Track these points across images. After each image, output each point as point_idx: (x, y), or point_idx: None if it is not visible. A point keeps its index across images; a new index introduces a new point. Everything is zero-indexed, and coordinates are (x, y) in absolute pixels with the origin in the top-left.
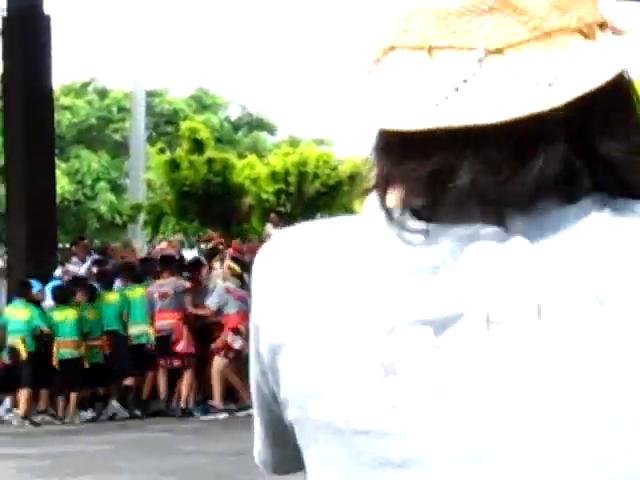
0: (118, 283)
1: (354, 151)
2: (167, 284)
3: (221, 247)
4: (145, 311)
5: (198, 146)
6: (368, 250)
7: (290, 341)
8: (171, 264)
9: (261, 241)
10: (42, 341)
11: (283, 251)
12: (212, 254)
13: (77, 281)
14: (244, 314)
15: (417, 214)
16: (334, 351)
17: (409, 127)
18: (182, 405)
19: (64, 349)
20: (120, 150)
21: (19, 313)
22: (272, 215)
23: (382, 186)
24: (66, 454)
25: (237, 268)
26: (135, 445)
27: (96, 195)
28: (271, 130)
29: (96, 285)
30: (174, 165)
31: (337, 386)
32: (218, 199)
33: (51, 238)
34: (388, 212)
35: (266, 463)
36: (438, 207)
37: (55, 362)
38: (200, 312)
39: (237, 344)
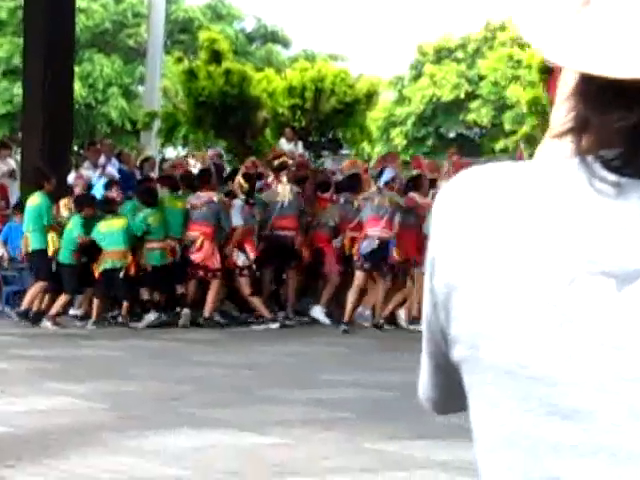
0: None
1: (368, 68)
2: (202, 197)
3: (290, 163)
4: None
5: (216, 57)
6: (553, 196)
7: (467, 280)
8: (209, 178)
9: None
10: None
11: (466, 190)
12: (280, 169)
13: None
14: (248, 230)
15: (607, 166)
16: (512, 294)
17: (623, 75)
18: (206, 314)
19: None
20: (133, 56)
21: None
22: (287, 129)
23: (577, 131)
24: (78, 358)
25: (245, 185)
26: (149, 353)
27: (107, 100)
28: (285, 44)
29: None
30: (191, 75)
31: (512, 329)
32: (234, 111)
33: (66, 142)
34: (582, 158)
35: (429, 400)
36: (633, 162)
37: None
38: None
39: (240, 261)
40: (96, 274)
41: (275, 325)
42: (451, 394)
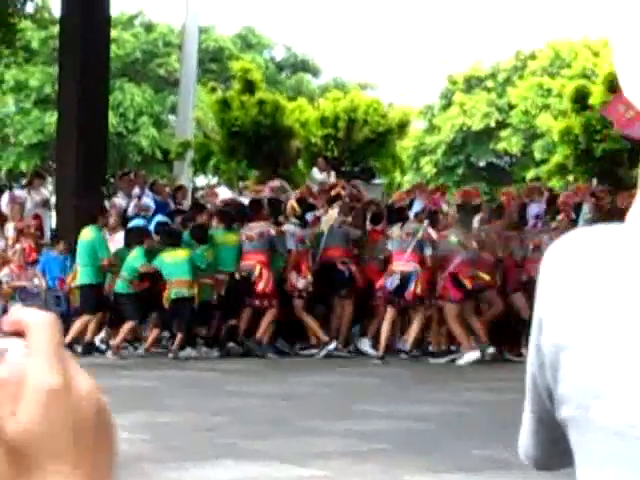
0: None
1: (397, 96)
2: (256, 228)
3: (343, 193)
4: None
5: (249, 87)
6: None
7: (576, 341)
8: (261, 208)
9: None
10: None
11: (574, 252)
12: (334, 200)
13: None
14: (302, 254)
15: None
16: (622, 355)
17: None
18: (258, 336)
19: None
20: (163, 85)
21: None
22: (319, 159)
23: None
24: (117, 388)
25: (298, 209)
26: (184, 383)
27: (138, 129)
28: (315, 72)
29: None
30: (224, 104)
31: (623, 389)
32: (267, 141)
33: (100, 171)
34: None
35: (531, 457)
36: None
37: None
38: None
39: (300, 284)
40: (165, 304)
41: (325, 351)
42: (553, 452)
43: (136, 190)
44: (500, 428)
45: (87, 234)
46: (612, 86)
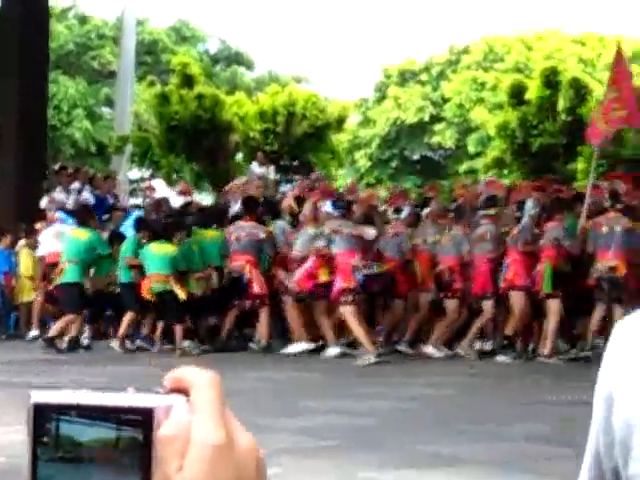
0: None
1: (332, 90)
2: (246, 228)
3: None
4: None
5: (188, 81)
6: None
7: None
8: (254, 207)
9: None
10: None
11: None
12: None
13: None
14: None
15: None
16: None
17: None
18: (264, 342)
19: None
20: (97, 77)
21: None
22: (259, 154)
23: None
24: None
25: (296, 207)
26: (130, 378)
27: (71, 121)
28: (249, 65)
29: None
30: (163, 99)
31: None
32: (206, 135)
33: (40, 164)
34: None
35: None
36: None
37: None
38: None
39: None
40: (148, 297)
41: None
42: None
43: (75, 184)
44: (443, 423)
45: (81, 234)
46: (548, 81)
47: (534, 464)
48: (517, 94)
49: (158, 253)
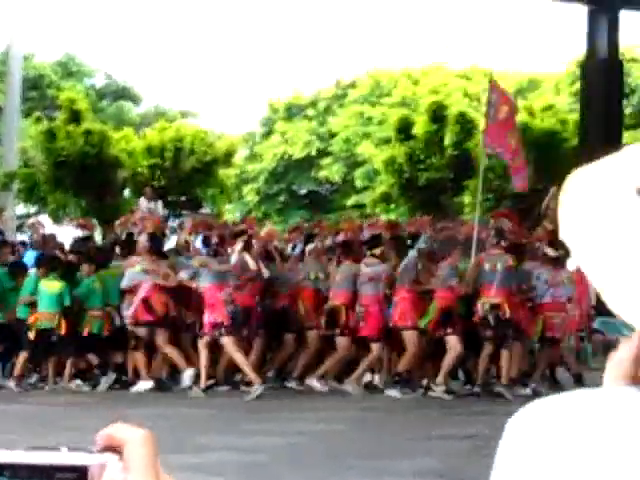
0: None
1: (218, 124)
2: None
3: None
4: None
5: (75, 116)
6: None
7: None
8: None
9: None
10: None
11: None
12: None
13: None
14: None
15: None
16: None
17: None
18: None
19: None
20: None
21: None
22: (146, 189)
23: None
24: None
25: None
26: (23, 417)
27: None
28: (136, 100)
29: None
30: (51, 135)
31: None
32: (94, 171)
33: None
34: None
35: None
36: None
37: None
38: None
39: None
40: (31, 335)
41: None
42: None
43: None
44: (333, 458)
45: None
46: (434, 116)
47: None
48: (404, 129)
49: (47, 290)
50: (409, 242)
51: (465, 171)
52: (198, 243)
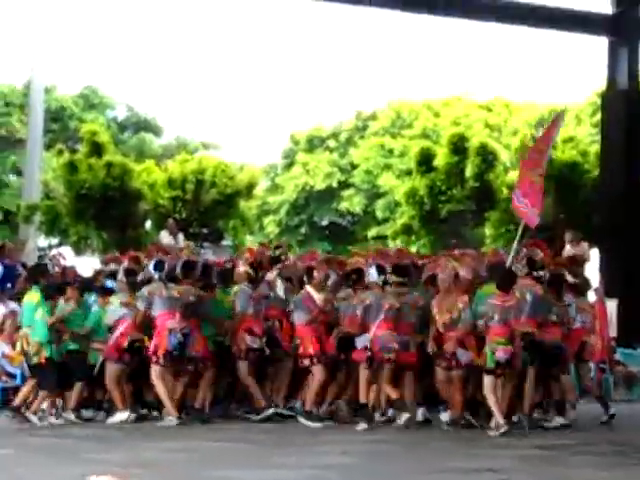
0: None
1: (240, 156)
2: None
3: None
4: None
5: (97, 149)
6: None
7: None
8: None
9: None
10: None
11: None
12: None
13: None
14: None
15: None
16: None
17: None
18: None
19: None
20: (4, 145)
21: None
22: (169, 221)
23: None
24: None
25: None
26: (41, 451)
27: None
28: (157, 132)
29: None
30: (72, 167)
31: None
32: (115, 203)
33: None
34: None
35: None
36: None
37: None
38: None
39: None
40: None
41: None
42: None
43: None
44: None
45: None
46: (455, 147)
47: None
48: (425, 161)
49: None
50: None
51: (486, 202)
52: (151, 268)
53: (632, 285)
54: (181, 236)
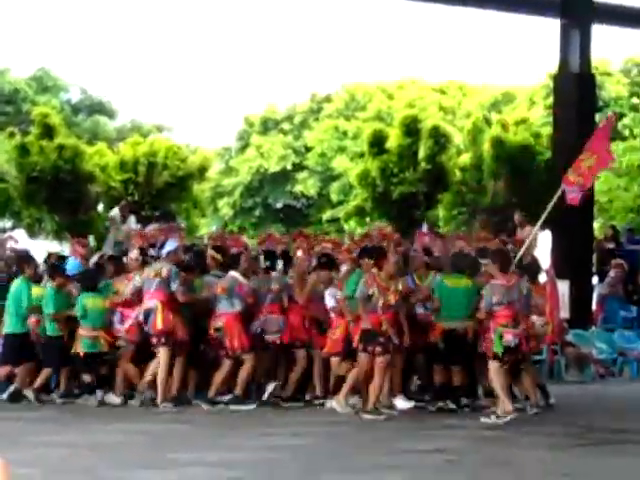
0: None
1: (194, 138)
2: None
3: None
4: None
5: (48, 131)
6: None
7: None
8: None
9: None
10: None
11: None
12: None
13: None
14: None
15: None
16: None
17: None
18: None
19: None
20: None
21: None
22: (122, 203)
23: None
24: None
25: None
26: None
27: None
28: (111, 114)
29: None
30: (24, 150)
31: None
32: (67, 186)
33: None
34: None
35: None
36: None
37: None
38: None
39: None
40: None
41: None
42: None
43: None
44: (304, 473)
45: (15, 284)
46: (408, 129)
47: None
48: (377, 143)
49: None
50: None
51: (438, 185)
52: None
53: (584, 266)
54: (132, 218)
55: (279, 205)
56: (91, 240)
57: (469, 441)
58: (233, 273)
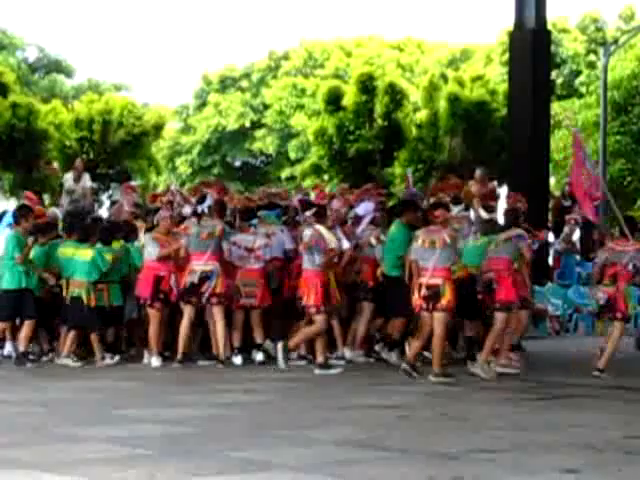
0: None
1: (152, 97)
2: None
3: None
4: None
5: (2, 89)
6: None
7: None
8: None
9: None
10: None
11: None
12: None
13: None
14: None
15: None
16: None
17: None
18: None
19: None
20: None
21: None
22: (77, 160)
23: None
24: None
25: None
26: None
27: None
28: (69, 73)
29: None
30: None
31: None
32: (21, 144)
33: None
34: None
35: None
36: None
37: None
38: None
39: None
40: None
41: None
42: None
43: None
44: (256, 429)
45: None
46: (364, 87)
47: (345, 468)
48: (334, 100)
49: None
50: None
51: (395, 142)
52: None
53: (540, 222)
54: (87, 176)
55: (238, 163)
56: (46, 198)
57: (424, 396)
58: (318, 227)
